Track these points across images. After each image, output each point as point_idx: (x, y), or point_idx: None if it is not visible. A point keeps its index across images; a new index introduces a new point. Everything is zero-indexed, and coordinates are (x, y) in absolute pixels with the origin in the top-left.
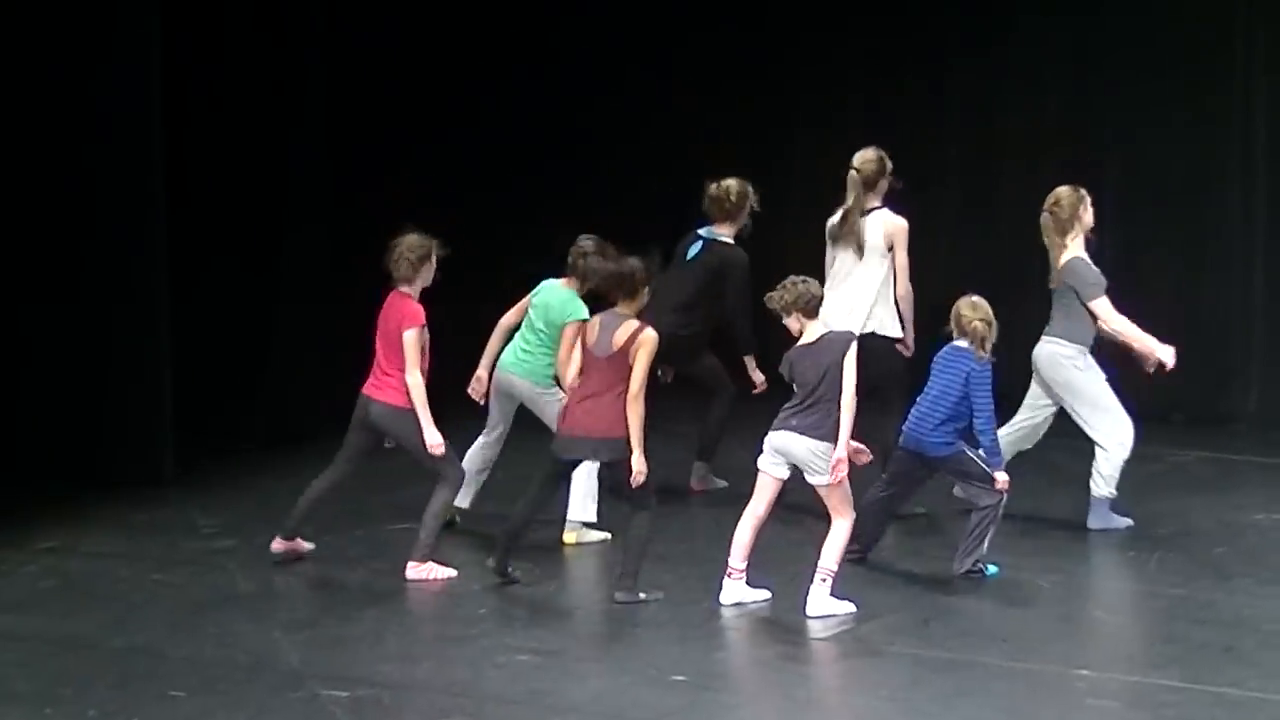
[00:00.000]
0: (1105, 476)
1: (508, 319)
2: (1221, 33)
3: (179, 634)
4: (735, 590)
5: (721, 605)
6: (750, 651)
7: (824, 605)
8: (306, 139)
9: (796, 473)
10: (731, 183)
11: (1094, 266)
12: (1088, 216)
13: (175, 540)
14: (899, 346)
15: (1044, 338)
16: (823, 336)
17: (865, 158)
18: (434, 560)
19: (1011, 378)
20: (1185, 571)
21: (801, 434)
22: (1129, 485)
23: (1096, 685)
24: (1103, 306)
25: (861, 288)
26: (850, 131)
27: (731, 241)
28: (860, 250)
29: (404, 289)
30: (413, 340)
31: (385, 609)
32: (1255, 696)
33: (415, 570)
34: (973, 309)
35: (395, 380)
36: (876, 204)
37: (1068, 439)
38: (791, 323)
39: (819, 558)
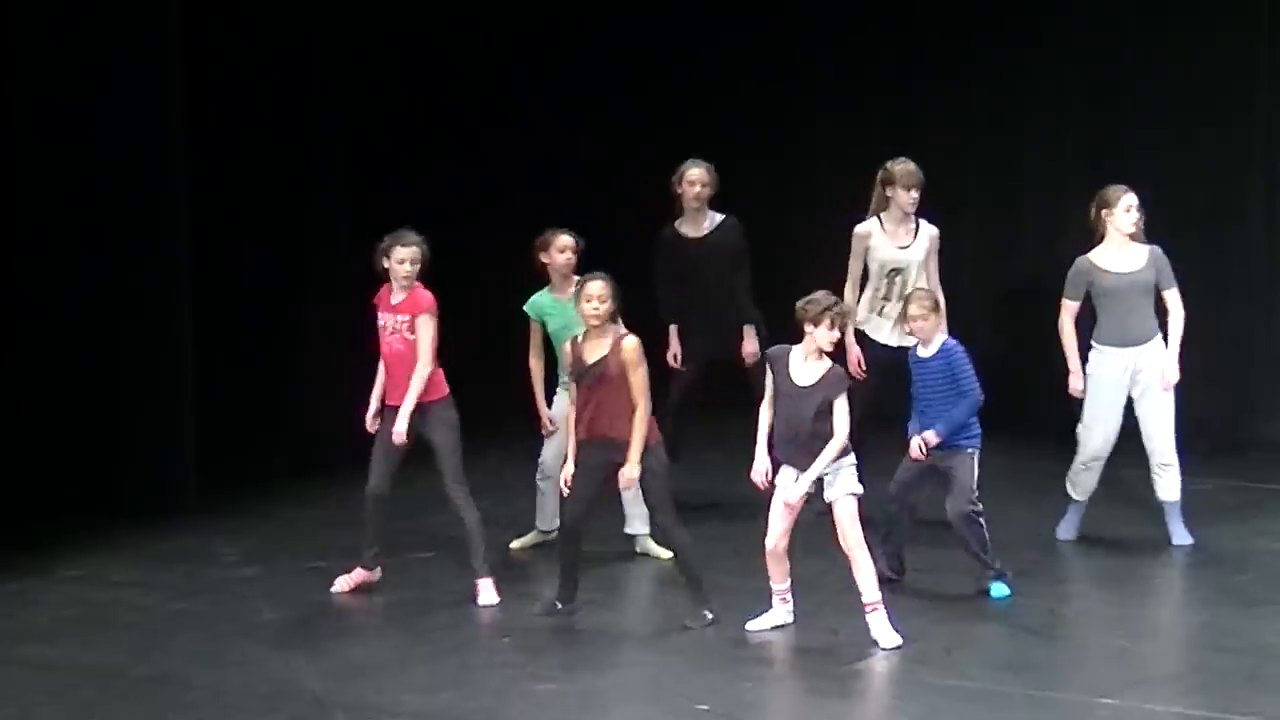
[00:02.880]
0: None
1: (538, 350)
2: (1244, 63)
3: (201, 663)
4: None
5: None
6: (775, 681)
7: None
8: (328, 160)
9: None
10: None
11: (1074, 269)
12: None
13: (197, 569)
14: None
15: None
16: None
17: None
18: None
19: (1035, 396)
20: (1208, 599)
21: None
22: (1151, 511)
23: (1120, 714)
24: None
25: None
26: (872, 158)
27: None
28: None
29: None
30: None
31: (408, 637)
32: None
33: None
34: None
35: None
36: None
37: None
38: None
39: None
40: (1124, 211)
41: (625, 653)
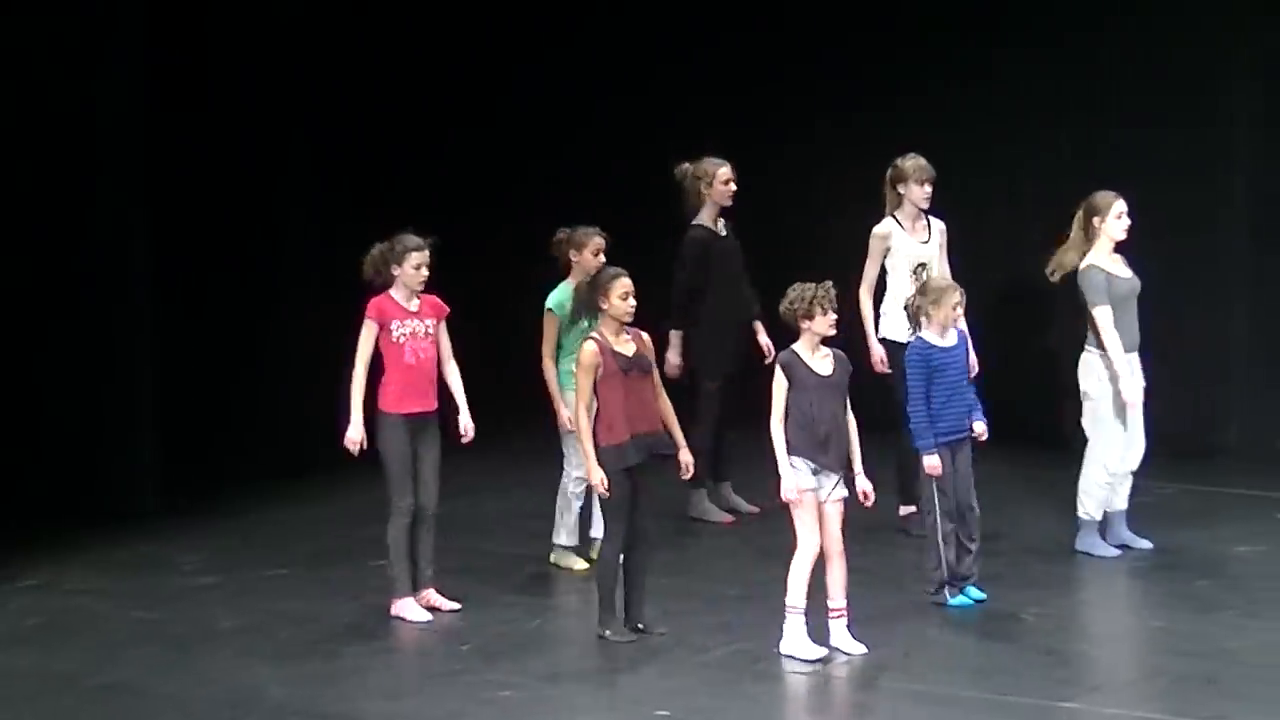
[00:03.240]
0: (1080, 496)
1: (554, 348)
2: (1209, 74)
3: (162, 671)
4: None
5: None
6: (735, 686)
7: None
8: (303, 158)
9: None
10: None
11: (1094, 276)
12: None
13: (158, 576)
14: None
15: None
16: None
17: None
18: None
19: (1028, 400)
20: (1168, 604)
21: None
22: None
23: (1080, 718)
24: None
25: None
26: (865, 159)
27: (696, 223)
28: None
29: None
30: (361, 333)
31: (369, 645)
32: None
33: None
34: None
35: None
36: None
37: (1055, 469)
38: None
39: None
40: (1116, 218)
41: (586, 659)
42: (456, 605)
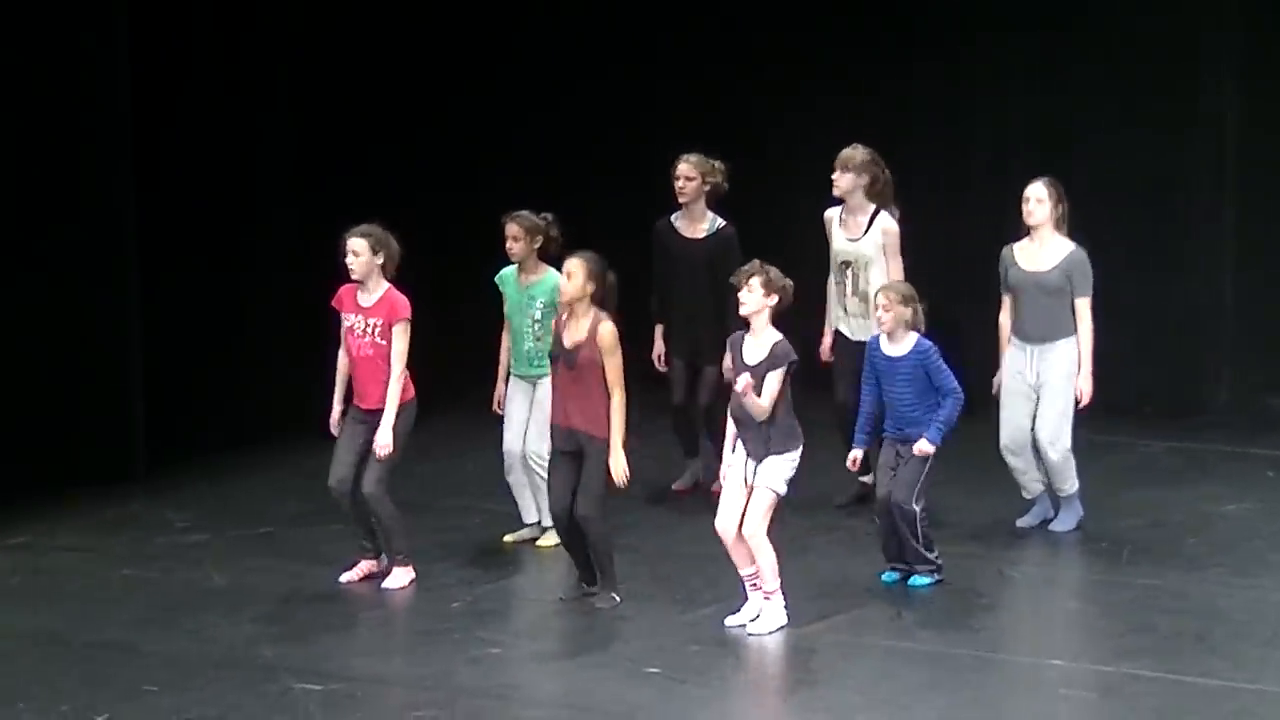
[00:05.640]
0: None
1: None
2: (1190, 39)
3: (152, 629)
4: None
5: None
6: (724, 645)
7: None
8: (275, 138)
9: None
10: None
11: (1005, 262)
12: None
13: (147, 535)
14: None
15: None
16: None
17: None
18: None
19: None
20: (1156, 562)
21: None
22: (1099, 474)
23: (1069, 675)
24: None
25: None
26: (815, 141)
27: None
28: None
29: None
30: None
31: (358, 604)
32: (1227, 685)
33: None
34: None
35: None
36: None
37: None
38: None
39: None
40: (1023, 204)
41: (573, 620)
42: (406, 582)
